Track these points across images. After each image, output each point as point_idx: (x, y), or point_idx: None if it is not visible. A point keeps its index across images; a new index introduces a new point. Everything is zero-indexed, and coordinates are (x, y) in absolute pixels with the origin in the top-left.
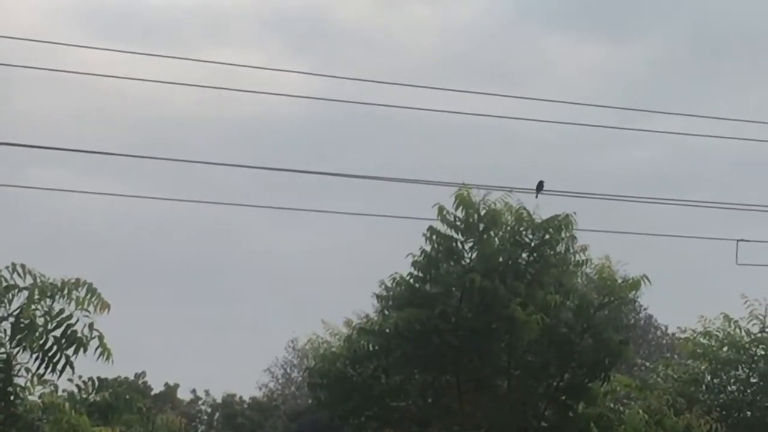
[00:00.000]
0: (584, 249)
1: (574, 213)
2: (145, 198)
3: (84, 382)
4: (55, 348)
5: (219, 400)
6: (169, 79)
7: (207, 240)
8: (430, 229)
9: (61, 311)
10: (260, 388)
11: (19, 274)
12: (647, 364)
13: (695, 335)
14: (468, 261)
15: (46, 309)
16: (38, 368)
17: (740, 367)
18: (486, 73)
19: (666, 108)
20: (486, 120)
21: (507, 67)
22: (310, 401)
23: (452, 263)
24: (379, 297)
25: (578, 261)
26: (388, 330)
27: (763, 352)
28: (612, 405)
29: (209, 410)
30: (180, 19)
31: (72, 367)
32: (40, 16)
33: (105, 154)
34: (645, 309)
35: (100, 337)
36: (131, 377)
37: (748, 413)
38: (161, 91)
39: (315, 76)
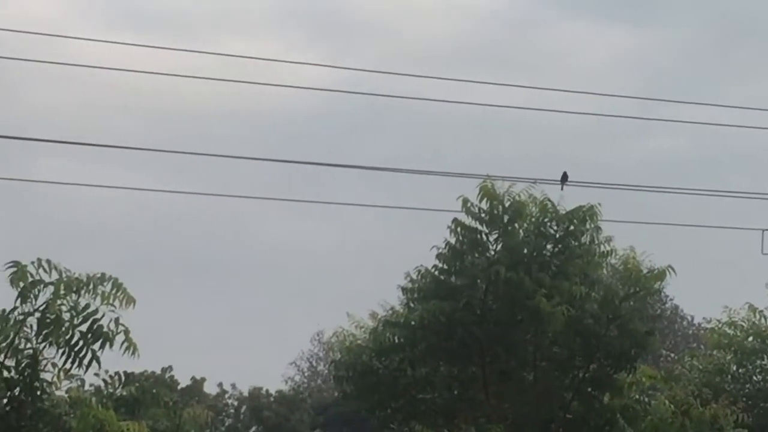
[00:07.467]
0: (609, 240)
1: (599, 204)
2: (167, 192)
3: (110, 376)
4: (81, 343)
5: (246, 394)
6: (184, 71)
7: (233, 233)
8: (455, 221)
9: (87, 306)
10: (286, 382)
11: (44, 270)
12: (672, 355)
13: (720, 325)
14: (493, 253)
15: (72, 304)
16: (64, 363)
17: (765, 356)
18: (508, 62)
19: (691, 95)
20: (511, 111)
21: (529, 56)
22: (336, 394)
23: (477, 255)
24: (404, 289)
25: (603, 252)
26: (413, 322)
27: None
28: (638, 396)
29: (236, 404)
30: (195, 10)
31: (98, 362)
32: (57, 7)
33: (121, 147)
34: (671, 299)
35: (126, 332)
36: (158, 371)
37: None
38: (176, 84)
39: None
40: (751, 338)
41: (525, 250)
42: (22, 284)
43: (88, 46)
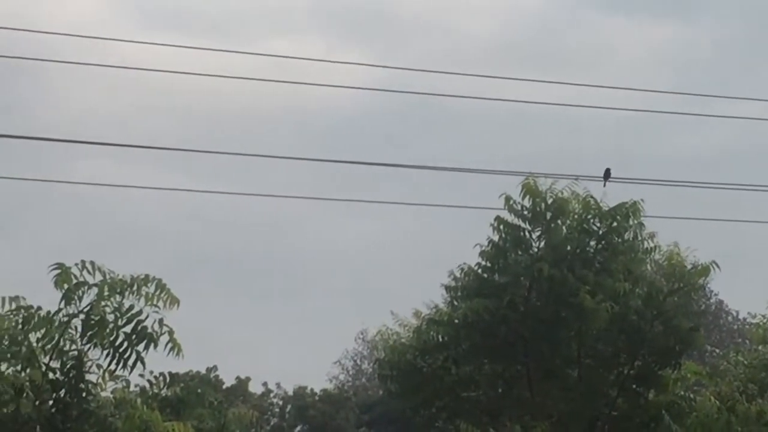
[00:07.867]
0: (652, 236)
1: (642, 200)
2: (211, 192)
3: (155, 377)
4: (125, 344)
5: (290, 393)
6: (228, 72)
7: (273, 233)
8: (498, 218)
9: (131, 307)
10: (331, 380)
11: (88, 271)
12: (717, 350)
13: (765, 320)
14: (536, 250)
15: (116, 305)
16: (109, 364)
17: None
18: (549, 59)
19: (732, 89)
20: (553, 108)
21: (570, 52)
22: (381, 392)
23: (520, 252)
24: (447, 287)
25: (647, 248)
26: (457, 320)
27: None
28: (683, 392)
29: (281, 403)
30: (239, 9)
31: (143, 363)
32: (100, 7)
33: (166, 149)
34: (716, 295)
35: (170, 332)
36: (202, 371)
37: None
38: (220, 85)
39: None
40: None
41: (568, 247)
42: (66, 286)
43: (126, 47)
